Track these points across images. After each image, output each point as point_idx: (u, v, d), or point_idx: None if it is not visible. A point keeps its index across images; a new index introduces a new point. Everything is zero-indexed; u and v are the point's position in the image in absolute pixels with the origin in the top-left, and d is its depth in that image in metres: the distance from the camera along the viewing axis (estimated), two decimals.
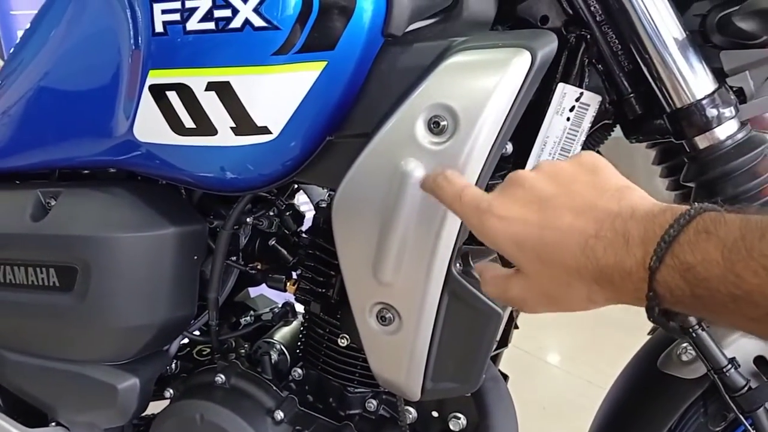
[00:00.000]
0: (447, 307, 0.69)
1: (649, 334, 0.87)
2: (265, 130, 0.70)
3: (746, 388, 0.72)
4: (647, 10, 0.67)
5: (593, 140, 0.85)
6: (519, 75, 0.62)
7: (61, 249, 0.86)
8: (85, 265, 0.85)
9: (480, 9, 0.73)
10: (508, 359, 0.95)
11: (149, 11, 0.69)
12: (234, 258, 0.99)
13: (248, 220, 0.92)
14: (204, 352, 1.05)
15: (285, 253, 0.97)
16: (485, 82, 0.62)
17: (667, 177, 0.79)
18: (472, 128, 0.63)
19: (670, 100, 0.68)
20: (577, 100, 0.79)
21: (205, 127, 0.70)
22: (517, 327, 0.89)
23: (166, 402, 0.98)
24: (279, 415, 0.90)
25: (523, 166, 0.82)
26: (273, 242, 0.97)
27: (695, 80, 0.67)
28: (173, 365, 1.02)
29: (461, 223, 0.65)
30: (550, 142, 0.80)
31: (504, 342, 0.79)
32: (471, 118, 0.63)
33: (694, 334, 0.72)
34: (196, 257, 0.90)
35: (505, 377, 1.01)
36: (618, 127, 0.82)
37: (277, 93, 0.68)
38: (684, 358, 0.77)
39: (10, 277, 0.90)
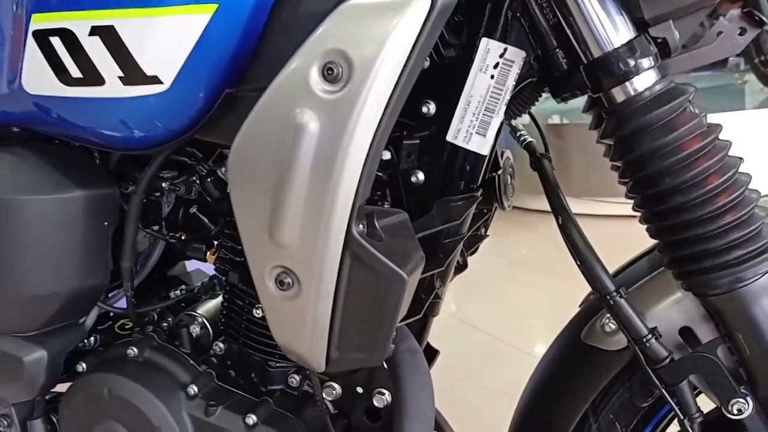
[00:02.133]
0: (349, 271, 0.64)
1: (579, 306, 0.83)
2: (155, 80, 0.65)
3: (668, 360, 0.68)
4: None
5: (521, 102, 0.81)
6: (417, 20, 0.58)
7: None
8: None
9: None
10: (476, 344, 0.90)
11: None
12: (156, 227, 0.94)
13: (164, 185, 0.88)
14: (127, 326, 1.01)
15: (206, 221, 0.92)
16: (381, 26, 0.58)
17: (602, 142, 0.75)
18: (367, 75, 0.58)
19: (586, 51, 0.64)
20: (501, 56, 0.74)
21: (92, 76, 0.66)
22: (439, 297, 0.84)
23: None
24: (193, 389, 0.86)
25: (446, 127, 0.77)
26: (194, 210, 0.93)
27: (612, 29, 0.62)
28: (92, 339, 0.97)
29: (360, 180, 0.61)
30: (474, 102, 0.76)
31: (418, 311, 0.74)
32: (366, 64, 0.58)
33: (611, 302, 0.68)
34: (106, 223, 0.85)
35: (435, 352, 0.97)
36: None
37: (166, 39, 0.63)
38: (606, 329, 0.73)
39: None
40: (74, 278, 0.84)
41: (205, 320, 0.95)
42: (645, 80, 0.62)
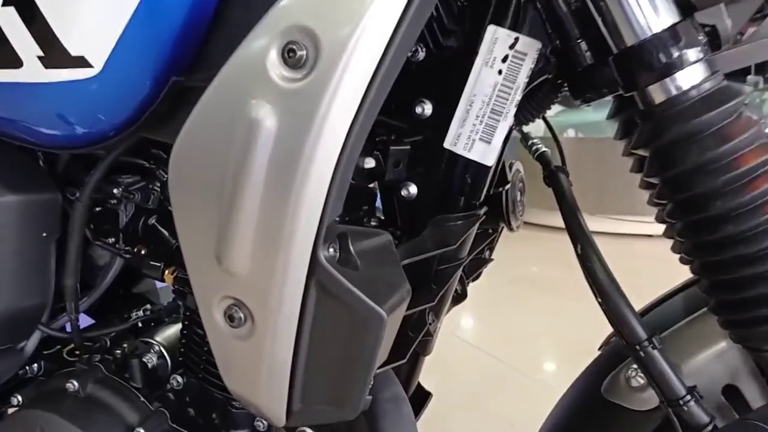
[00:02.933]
0: (315, 305, 0.52)
1: (599, 348, 0.69)
2: (83, 62, 0.52)
3: (710, 427, 0.54)
4: None
5: (535, 104, 0.68)
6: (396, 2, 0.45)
7: None
8: None
9: None
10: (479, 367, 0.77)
11: None
12: (111, 239, 0.82)
13: (115, 191, 0.75)
14: (77, 352, 0.88)
15: (167, 234, 0.80)
16: (353, 4, 0.45)
17: (632, 155, 0.62)
18: (337, 60, 0.45)
19: (618, 37, 0.50)
20: (511, 47, 0.62)
21: (7, 55, 0.53)
22: (430, 335, 0.71)
23: None
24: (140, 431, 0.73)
25: (444, 131, 0.65)
26: (153, 221, 0.80)
27: (651, 10, 0.49)
28: (35, 366, 0.85)
29: (329, 192, 0.48)
30: (477, 102, 0.64)
31: (403, 354, 0.61)
32: (336, 46, 0.45)
33: (642, 354, 0.54)
34: (45, 234, 0.73)
35: (427, 395, 0.84)
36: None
37: (92, 13, 0.51)
38: (633, 383, 0.59)
39: None
40: (7, 297, 0.72)
41: (162, 349, 0.82)
42: (691, 76, 0.49)
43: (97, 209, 0.80)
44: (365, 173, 0.62)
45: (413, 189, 0.67)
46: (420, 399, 0.82)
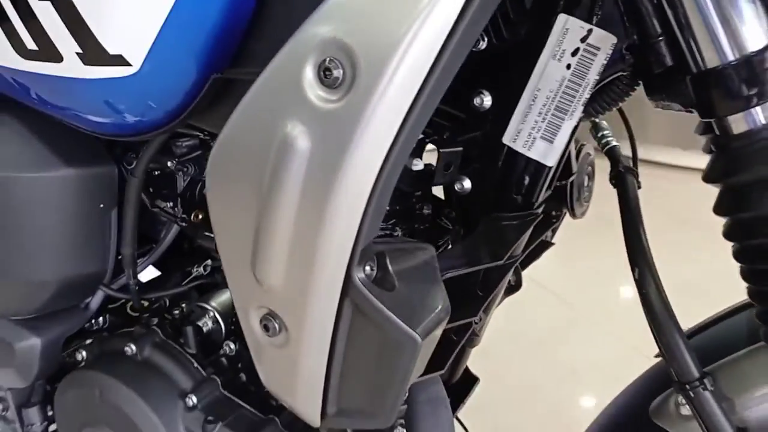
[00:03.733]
0: (350, 322, 0.50)
1: (656, 356, 0.66)
2: (121, 61, 0.51)
3: None
4: None
5: (610, 96, 0.62)
6: (452, 6, 0.41)
7: None
8: None
9: None
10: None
11: None
12: (170, 204, 0.82)
13: (169, 164, 0.75)
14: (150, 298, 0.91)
15: None
16: (400, 13, 0.41)
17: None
18: (377, 82, 0.42)
19: (699, 56, 0.44)
20: (583, 40, 0.56)
21: (48, 50, 0.52)
22: (476, 334, 0.69)
23: None
24: (192, 400, 0.75)
25: (504, 126, 0.60)
26: None
27: (739, 30, 0.43)
28: (101, 320, 0.88)
29: (364, 216, 0.46)
30: (541, 97, 0.59)
31: (443, 362, 0.59)
32: (375, 66, 0.42)
33: (691, 394, 0.51)
34: (103, 205, 0.74)
35: (475, 380, 0.83)
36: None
37: (129, 11, 0.48)
38: (683, 411, 0.56)
39: None
40: (68, 264, 0.74)
41: (217, 314, 0.84)
42: None
43: (156, 173, 0.80)
44: (413, 175, 0.59)
45: (467, 184, 0.63)
46: (468, 384, 0.81)
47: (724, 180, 0.46)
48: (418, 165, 0.59)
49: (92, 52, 0.51)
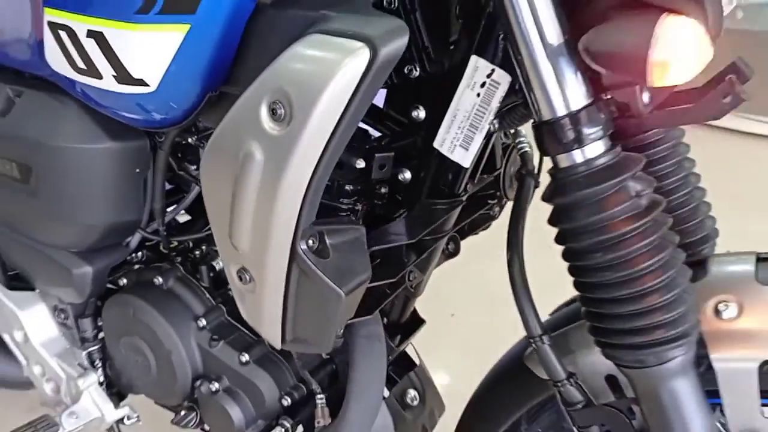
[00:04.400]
0: (297, 280, 0.71)
1: (550, 314, 0.85)
2: (142, 83, 0.71)
3: (583, 405, 0.70)
4: (520, 9, 0.59)
5: (509, 120, 0.79)
6: (356, 71, 0.59)
7: (18, 149, 0.94)
8: (37, 166, 0.92)
9: None
10: None
11: None
12: (193, 168, 1.03)
13: (190, 140, 0.95)
14: (171, 245, 1.14)
15: None
16: (322, 74, 0.59)
17: None
18: (306, 121, 0.61)
19: (538, 110, 0.62)
20: (488, 76, 0.73)
21: (92, 70, 0.72)
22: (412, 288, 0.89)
23: None
24: (202, 322, 0.98)
25: (434, 134, 0.78)
26: None
27: (564, 93, 0.59)
28: (139, 254, 1.11)
29: (302, 207, 0.65)
30: (460, 115, 0.76)
31: (375, 307, 0.79)
32: (305, 110, 0.61)
33: (534, 346, 0.70)
34: (138, 170, 0.95)
35: (421, 321, 1.03)
36: None
37: (147, 50, 0.68)
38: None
39: None
40: (111, 215, 0.96)
41: None
42: (591, 151, 0.60)
43: (183, 143, 1.01)
44: (356, 172, 0.78)
45: (408, 175, 0.82)
46: (415, 324, 1.02)
47: (552, 200, 0.63)
48: (360, 164, 0.78)
49: (122, 75, 0.71)
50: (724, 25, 0.55)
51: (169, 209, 1.02)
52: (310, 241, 0.69)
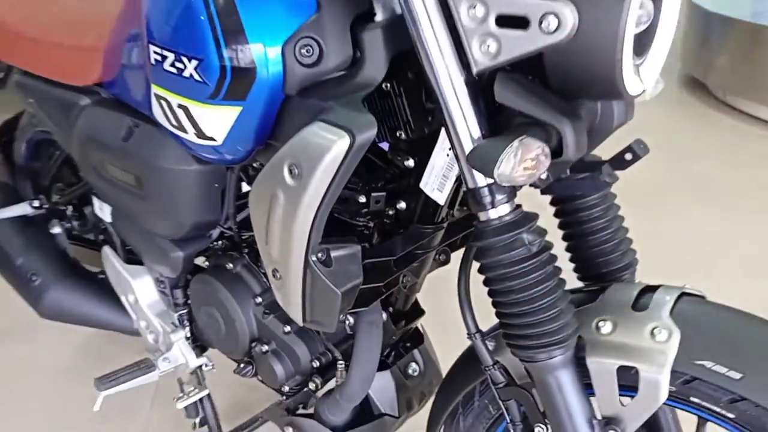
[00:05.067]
0: (310, 281, 1.02)
1: None
2: (213, 139, 1.03)
3: (504, 384, 0.98)
4: (448, 103, 0.85)
5: None
6: (339, 153, 0.87)
7: (135, 165, 1.30)
8: (146, 178, 1.28)
9: (371, 75, 0.95)
10: None
11: (146, 47, 1.03)
12: None
13: (255, 164, 1.28)
14: (241, 238, 1.48)
15: None
16: (320, 151, 0.89)
17: None
18: (309, 180, 0.91)
19: (465, 180, 0.89)
20: None
21: (181, 127, 1.06)
22: (406, 288, 1.19)
23: None
24: (259, 299, 1.32)
25: (420, 178, 1.07)
26: None
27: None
28: (220, 242, 1.46)
29: (310, 233, 0.96)
30: (436, 168, 1.04)
31: (369, 302, 1.09)
32: (310, 172, 0.91)
33: (471, 339, 0.98)
34: (216, 185, 1.29)
35: (421, 312, 1.33)
36: None
37: (215, 120, 1.00)
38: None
39: (112, 172, 1.37)
40: (198, 214, 1.30)
41: None
42: (499, 211, 0.87)
43: (248, 167, 1.33)
44: (359, 204, 1.08)
45: (403, 205, 1.11)
46: (415, 314, 1.32)
47: (474, 243, 0.90)
48: (362, 199, 1.07)
49: (199, 133, 1.04)
50: None
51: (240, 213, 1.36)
52: (319, 254, 1.00)
